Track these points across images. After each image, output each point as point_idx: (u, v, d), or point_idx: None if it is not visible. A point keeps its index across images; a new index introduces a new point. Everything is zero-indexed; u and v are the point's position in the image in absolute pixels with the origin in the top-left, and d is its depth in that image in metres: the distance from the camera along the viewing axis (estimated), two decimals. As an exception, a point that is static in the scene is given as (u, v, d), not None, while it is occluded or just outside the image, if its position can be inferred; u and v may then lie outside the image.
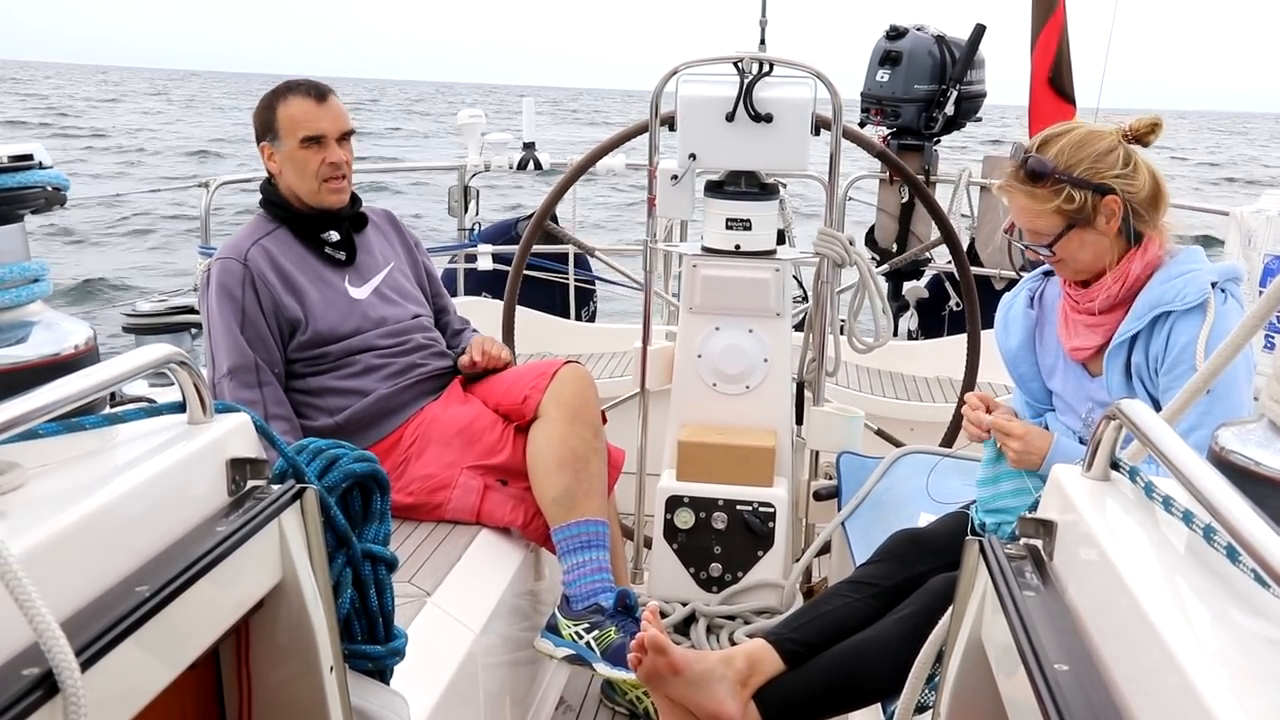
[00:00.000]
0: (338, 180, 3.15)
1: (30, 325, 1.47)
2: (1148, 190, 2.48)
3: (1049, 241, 2.50)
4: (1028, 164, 2.48)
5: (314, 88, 3.17)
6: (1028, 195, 2.50)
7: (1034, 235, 2.54)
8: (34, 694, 0.93)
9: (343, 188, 3.18)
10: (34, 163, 1.48)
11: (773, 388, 3.64)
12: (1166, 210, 2.53)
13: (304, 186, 3.15)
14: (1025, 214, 2.53)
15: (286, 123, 3.12)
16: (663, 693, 2.51)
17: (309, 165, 3.12)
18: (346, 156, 3.17)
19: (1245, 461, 1.14)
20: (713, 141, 3.50)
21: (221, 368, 3.04)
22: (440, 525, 3.11)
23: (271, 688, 1.48)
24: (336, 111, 3.17)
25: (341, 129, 3.16)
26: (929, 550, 2.69)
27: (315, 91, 3.15)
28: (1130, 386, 2.51)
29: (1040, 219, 2.50)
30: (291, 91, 3.15)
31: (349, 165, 3.19)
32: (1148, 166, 2.50)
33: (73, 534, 1.10)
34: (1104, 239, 2.48)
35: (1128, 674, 1.03)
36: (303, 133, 3.11)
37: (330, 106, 3.15)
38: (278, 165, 3.17)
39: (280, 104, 3.14)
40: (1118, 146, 2.47)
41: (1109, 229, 2.47)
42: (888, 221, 6.48)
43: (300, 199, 3.17)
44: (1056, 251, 2.51)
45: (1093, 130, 2.52)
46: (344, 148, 3.17)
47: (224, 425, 1.43)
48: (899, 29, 6.33)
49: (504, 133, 6.45)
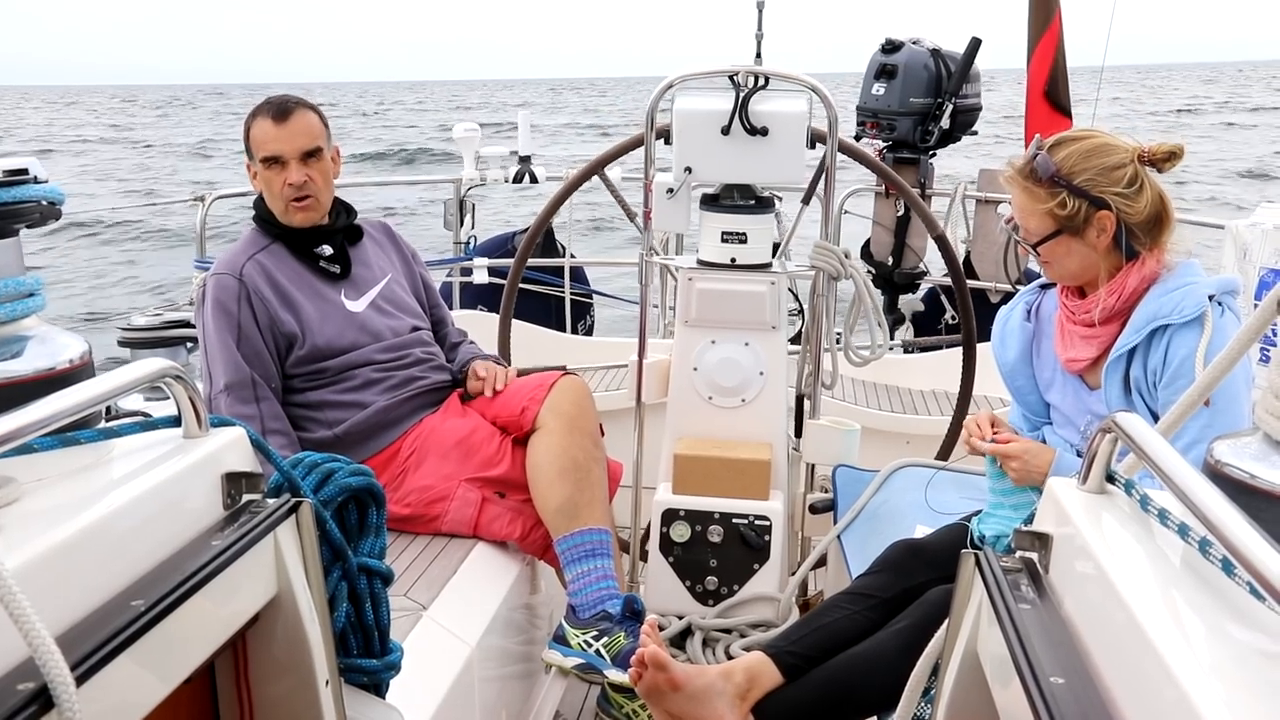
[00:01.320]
0: (300, 200, 3.12)
1: (25, 340, 1.47)
2: (1148, 214, 2.46)
3: (1035, 241, 2.52)
4: (1033, 161, 2.49)
5: (278, 106, 3.13)
6: (1025, 191, 2.51)
7: (1023, 232, 2.57)
8: (29, 709, 0.93)
9: (307, 206, 3.14)
10: (29, 177, 1.49)
11: (769, 401, 3.64)
12: (1171, 233, 2.52)
13: (275, 207, 3.15)
14: (1019, 209, 2.56)
15: (254, 143, 3.13)
16: (663, 708, 2.51)
17: (273, 186, 3.12)
18: (310, 175, 3.12)
19: (1241, 474, 1.15)
20: (708, 155, 3.50)
21: (218, 384, 3.04)
22: (437, 538, 3.11)
23: (267, 702, 1.47)
24: (296, 130, 3.11)
25: (300, 149, 3.10)
26: (927, 562, 2.69)
27: (275, 111, 3.11)
28: (1129, 400, 2.51)
29: (1032, 217, 2.52)
30: (260, 111, 3.14)
31: (316, 182, 3.13)
32: (1155, 190, 2.48)
33: (68, 548, 1.10)
34: (1092, 252, 2.49)
35: (1123, 687, 1.03)
36: (262, 153, 3.10)
37: (289, 126, 3.10)
38: (258, 184, 3.17)
39: (252, 123, 3.14)
40: (1129, 165, 2.46)
41: (1098, 243, 2.47)
42: (883, 235, 6.50)
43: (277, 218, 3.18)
44: (1041, 253, 2.53)
45: (1108, 142, 2.50)
46: (308, 167, 3.11)
47: (219, 439, 1.43)
48: (894, 43, 6.35)
49: (500, 146, 6.46)
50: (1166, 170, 2.49)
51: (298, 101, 3.18)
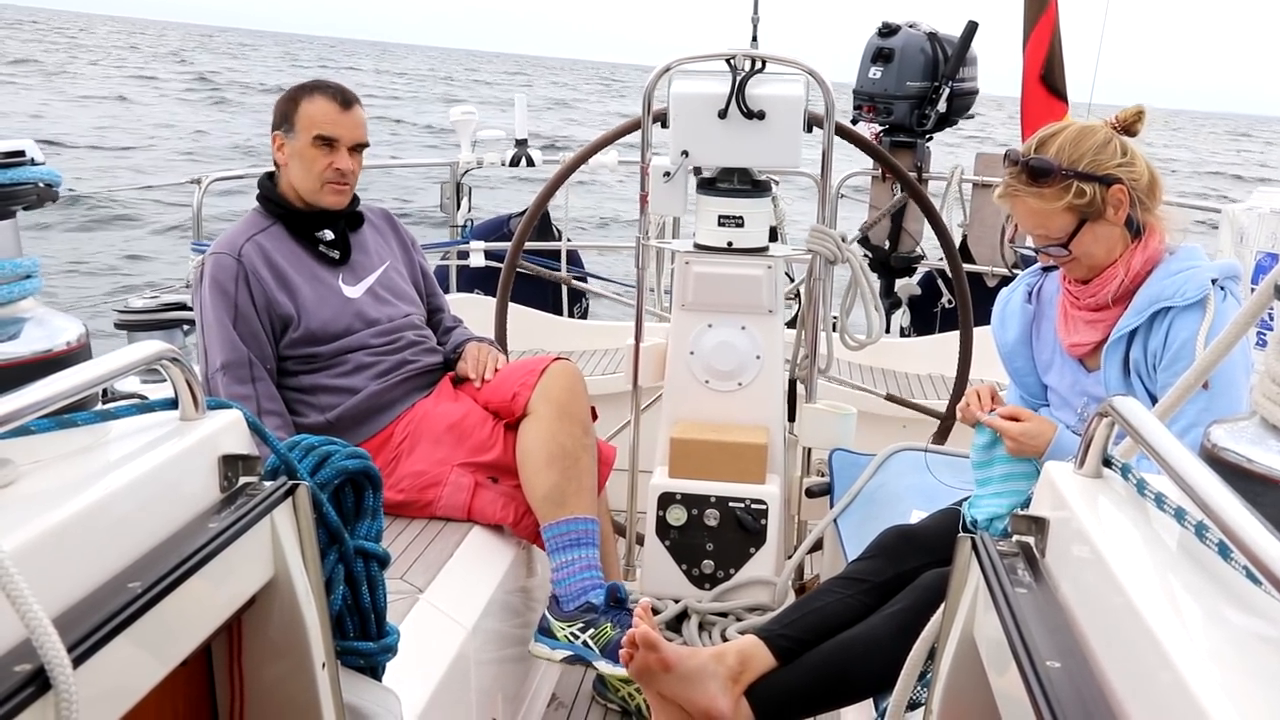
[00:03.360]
0: (340, 185, 3.16)
1: (22, 321, 1.47)
2: (1147, 177, 2.50)
3: (1065, 240, 2.50)
4: (1030, 165, 2.48)
5: (341, 93, 3.19)
6: (1036, 196, 2.48)
7: (1045, 238, 2.53)
8: (26, 690, 0.93)
9: (343, 191, 3.18)
10: (25, 159, 1.48)
11: (765, 385, 3.64)
12: (1162, 198, 2.54)
13: (306, 184, 3.15)
14: (1036, 216, 2.51)
15: (305, 118, 3.13)
16: (655, 689, 2.51)
17: (316, 164, 3.12)
18: (355, 167, 3.19)
19: (1237, 459, 1.15)
20: (705, 138, 3.49)
21: (215, 363, 3.04)
22: (432, 522, 3.11)
23: (263, 684, 1.48)
24: (356, 120, 3.18)
25: (357, 139, 3.17)
26: (921, 546, 2.70)
27: (341, 96, 3.17)
28: (1128, 382, 2.51)
29: (1052, 219, 2.49)
30: (319, 90, 3.17)
31: (355, 175, 3.20)
32: (1140, 155, 2.52)
33: (65, 530, 1.10)
34: (1115, 229, 2.49)
35: (1120, 671, 1.03)
36: (318, 131, 3.11)
37: (352, 114, 3.17)
38: (285, 157, 3.17)
39: (305, 99, 3.15)
40: (1113, 138, 2.49)
41: (1118, 219, 2.47)
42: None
43: (301, 195, 3.17)
44: (1072, 249, 2.49)
45: (1085, 125, 2.52)
46: (354, 158, 3.18)
47: (216, 422, 1.43)
48: (891, 26, 6.33)
49: (497, 129, 6.45)
50: (1138, 131, 2.53)
51: (354, 95, 3.24)
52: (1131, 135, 2.52)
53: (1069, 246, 2.50)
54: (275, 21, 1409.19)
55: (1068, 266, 2.57)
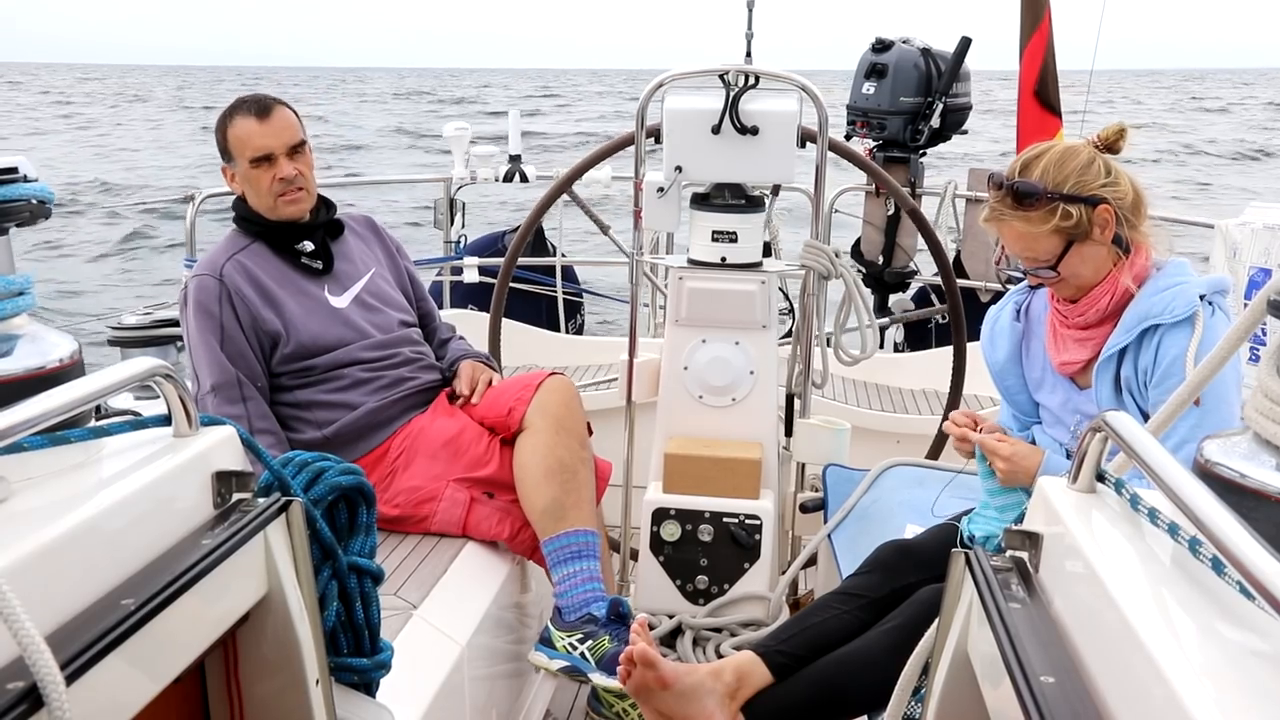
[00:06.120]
0: (293, 193, 3.14)
1: (15, 338, 1.47)
2: (1132, 195, 2.50)
3: (1053, 262, 2.50)
4: (1016, 189, 2.48)
5: (256, 104, 3.14)
6: (1023, 220, 2.48)
7: (1033, 260, 2.53)
8: (18, 708, 0.93)
9: (299, 198, 3.16)
10: (18, 176, 1.48)
11: (759, 400, 3.64)
12: (1148, 215, 2.55)
13: (263, 204, 3.15)
14: (1023, 239, 2.52)
15: (235, 144, 3.13)
16: (652, 706, 2.51)
17: (261, 183, 3.12)
18: (301, 168, 3.15)
19: (1230, 474, 1.15)
20: (698, 154, 3.50)
21: (204, 385, 3.03)
22: (427, 538, 3.10)
23: (258, 701, 1.47)
24: (282, 124, 3.14)
25: (288, 143, 3.13)
26: (917, 562, 2.70)
27: (257, 108, 3.13)
28: (1120, 399, 2.52)
29: (1039, 241, 2.49)
30: (237, 111, 3.14)
31: (305, 175, 3.16)
32: (1124, 173, 2.52)
33: (58, 547, 1.10)
34: (1102, 249, 2.49)
35: (1113, 686, 1.03)
36: (249, 154, 3.10)
37: (274, 121, 3.12)
38: (238, 185, 3.18)
39: (229, 125, 3.14)
40: (1096, 158, 2.49)
41: (1105, 238, 2.48)
42: (873, 234, 6.50)
43: (264, 215, 3.17)
44: (1060, 271, 2.50)
45: (1068, 146, 2.53)
46: (295, 160, 3.14)
47: (209, 438, 1.42)
48: (885, 42, 6.36)
49: (490, 144, 6.45)
50: (1120, 149, 2.53)
51: (273, 99, 3.20)
52: (1114, 153, 2.53)
53: (1057, 268, 2.50)
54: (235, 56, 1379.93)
55: (1056, 287, 2.57)
